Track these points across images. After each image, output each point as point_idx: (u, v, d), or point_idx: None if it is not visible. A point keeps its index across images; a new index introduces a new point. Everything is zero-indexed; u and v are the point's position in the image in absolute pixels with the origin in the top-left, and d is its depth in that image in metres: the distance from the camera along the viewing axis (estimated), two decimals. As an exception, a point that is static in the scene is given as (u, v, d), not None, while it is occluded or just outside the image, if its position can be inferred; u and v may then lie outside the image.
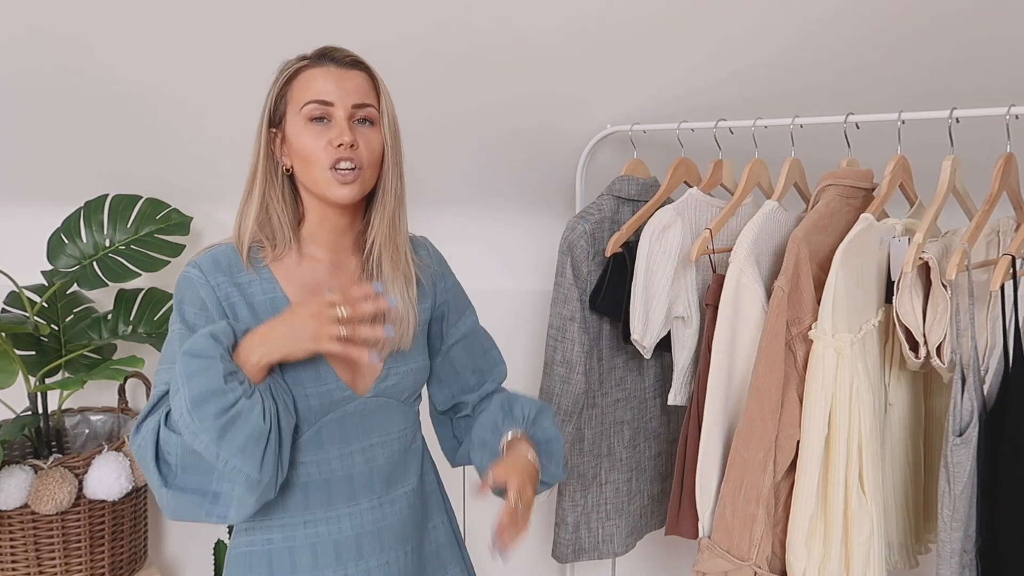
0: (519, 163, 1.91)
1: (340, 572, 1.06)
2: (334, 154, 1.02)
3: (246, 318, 1.03)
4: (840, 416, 1.21)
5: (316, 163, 1.03)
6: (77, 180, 1.89)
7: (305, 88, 1.04)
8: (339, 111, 1.03)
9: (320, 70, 1.05)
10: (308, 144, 1.03)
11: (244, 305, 1.04)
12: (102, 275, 1.82)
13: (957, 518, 1.17)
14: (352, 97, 1.04)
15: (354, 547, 1.07)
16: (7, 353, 1.55)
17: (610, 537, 1.71)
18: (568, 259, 1.59)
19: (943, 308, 1.22)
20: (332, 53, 1.06)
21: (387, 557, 1.09)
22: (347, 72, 1.05)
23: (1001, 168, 1.26)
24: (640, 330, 1.49)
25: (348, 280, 1.10)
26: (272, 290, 1.05)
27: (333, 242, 1.10)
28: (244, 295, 1.04)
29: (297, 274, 1.07)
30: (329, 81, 1.04)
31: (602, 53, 1.61)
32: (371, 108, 1.05)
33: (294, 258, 1.08)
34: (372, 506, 1.09)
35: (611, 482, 1.70)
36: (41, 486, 1.59)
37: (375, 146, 1.06)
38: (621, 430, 1.70)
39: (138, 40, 1.57)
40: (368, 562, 1.08)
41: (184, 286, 1.04)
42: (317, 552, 1.06)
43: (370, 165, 1.05)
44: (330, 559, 1.06)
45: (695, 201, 1.52)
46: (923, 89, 1.58)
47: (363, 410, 1.08)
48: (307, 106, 1.03)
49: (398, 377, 1.11)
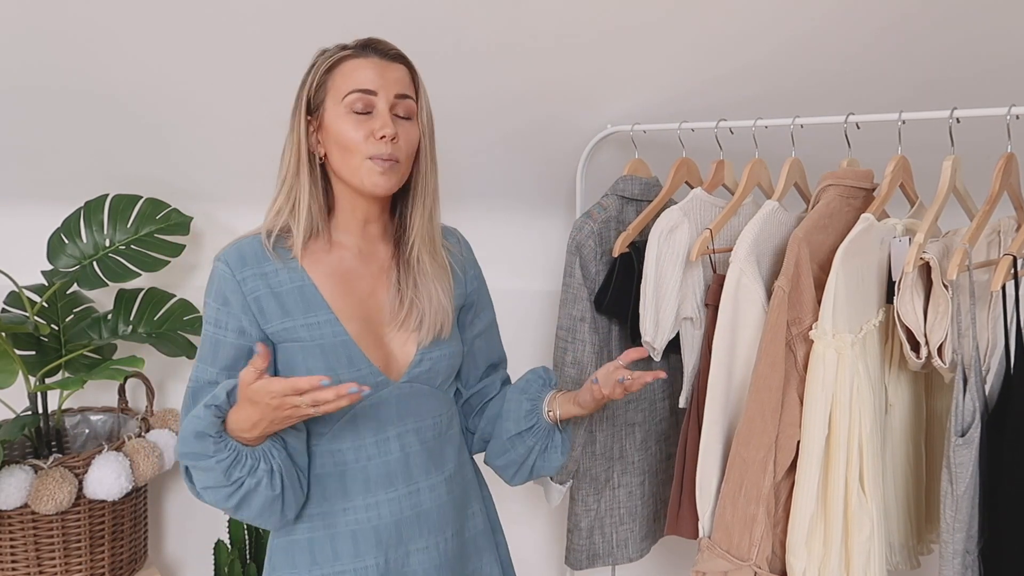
0: (519, 163, 1.91)
1: (380, 558, 1.09)
2: (375, 145, 1.04)
3: (272, 309, 1.05)
4: (840, 416, 1.21)
5: (356, 152, 1.04)
6: (77, 180, 1.89)
7: (348, 77, 1.05)
8: (381, 101, 1.05)
9: (364, 60, 1.06)
10: (348, 133, 1.04)
11: (270, 296, 1.05)
12: (102, 275, 1.82)
13: (959, 519, 1.17)
14: (395, 88, 1.06)
15: (394, 533, 1.10)
16: (7, 353, 1.55)
17: (624, 542, 1.69)
18: (577, 259, 1.58)
19: (944, 308, 1.22)
20: (376, 44, 1.09)
21: (426, 542, 1.12)
22: (390, 64, 1.08)
23: (1002, 168, 1.25)
24: (652, 332, 1.48)
25: (377, 269, 1.12)
26: (300, 279, 1.07)
27: (362, 231, 1.12)
28: (270, 285, 1.06)
29: (326, 262, 1.09)
30: (373, 71, 1.05)
31: (602, 52, 1.61)
32: (410, 101, 1.08)
33: (323, 246, 1.10)
34: (410, 492, 1.11)
35: (624, 485, 1.69)
36: (41, 486, 1.59)
37: (413, 139, 1.08)
38: (632, 432, 1.69)
39: (138, 40, 1.57)
40: (408, 547, 1.10)
41: (211, 281, 1.07)
42: (358, 539, 1.09)
43: (407, 159, 1.08)
44: (370, 545, 1.08)
45: (700, 202, 1.52)
46: (923, 89, 1.58)
47: (398, 396, 1.10)
48: (350, 95, 1.05)
49: (432, 362, 1.13)
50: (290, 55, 1.61)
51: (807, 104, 1.63)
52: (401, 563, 1.10)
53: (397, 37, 1.11)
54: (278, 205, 1.09)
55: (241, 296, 1.05)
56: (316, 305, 1.07)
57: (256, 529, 1.93)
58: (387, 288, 1.12)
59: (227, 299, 1.05)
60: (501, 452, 1.22)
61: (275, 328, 1.05)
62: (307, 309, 1.06)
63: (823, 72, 1.59)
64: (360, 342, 1.08)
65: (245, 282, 1.05)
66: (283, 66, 1.64)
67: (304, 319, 1.06)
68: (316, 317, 1.06)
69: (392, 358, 1.11)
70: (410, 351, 1.12)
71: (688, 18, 1.51)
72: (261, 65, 1.63)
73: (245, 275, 1.05)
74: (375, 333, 1.10)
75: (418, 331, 1.11)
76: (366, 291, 1.11)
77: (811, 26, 1.50)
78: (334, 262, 1.10)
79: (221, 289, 1.05)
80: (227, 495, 1.00)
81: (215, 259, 1.07)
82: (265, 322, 1.05)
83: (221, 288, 1.05)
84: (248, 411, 0.95)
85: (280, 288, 1.06)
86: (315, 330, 1.06)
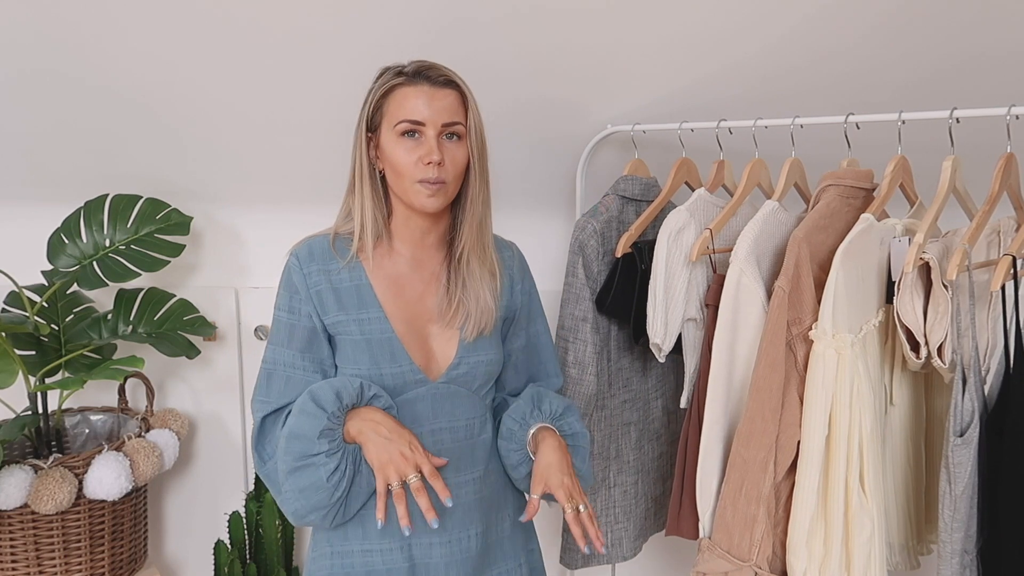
0: (519, 163, 1.91)
1: (405, 543, 1.17)
2: (423, 170, 1.12)
3: (330, 303, 1.16)
4: (841, 416, 1.21)
5: (406, 176, 1.13)
6: (77, 180, 1.89)
7: (400, 106, 1.14)
8: (429, 130, 1.13)
9: (414, 88, 1.14)
10: (400, 157, 1.13)
11: (330, 291, 1.17)
12: (102, 275, 1.82)
13: (958, 518, 1.17)
14: (442, 116, 1.13)
15: (419, 523, 1.16)
16: (7, 353, 1.55)
17: (619, 541, 1.70)
18: (579, 259, 1.58)
19: (944, 308, 1.22)
20: (427, 72, 1.15)
21: (449, 537, 1.18)
22: (439, 91, 1.14)
23: (1002, 168, 1.25)
24: (661, 333, 1.48)
25: (429, 275, 1.21)
26: (358, 278, 1.18)
27: (418, 240, 1.21)
28: (331, 282, 1.17)
29: (384, 266, 1.20)
30: (421, 100, 1.13)
31: (602, 52, 1.61)
32: (459, 125, 1.15)
33: (384, 251, 1.20)
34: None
35: (619, 485, 1.69)
36: (41, 486, 1.59)
37: (460, 160, 1.16)
38: (628, 432, 1.70)
39: (139, 38, 1.57)
40: (431, 539, 1.17)
41: (284, 273, 1.19)
42: (385, 524, 1.13)
43: (454, 178, 1.16)
44: (396, 531, 1.16)
45: (704, 202, 1.52)
46: (924, 89, 1.58)
47: (434, 394, 1.18)
48: (400, 124, 1.13)
49: (469, 366, 1.20)
50: (290, 55, 1.61)
51: (807, 104, 1.63)
52: (425, 553, 1.17)
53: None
54: (345, 211, 1.21)
55: (306, 287, 1.17)
56: (368, 303, 1.17)
57: (256, 529, 1.94)
58: (436, 291, 1.21)
59: (296, 288, 1.17)
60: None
61: (331, 320, 1.17)
62: (360, 306, 1.17)
63: (823, 72, 1.59)
64: (404, 340, 1.17)
65: (310, 276, 1.17)
66: (284, 66, 1.64)
67: (356, 314, 1.16)
68: (367, 314, 1.16)
69: (433, 359, 1.19)
70: (450, 353, 1.19)
71: (688, 18, 1.51)
72: (261, 65, 1.63)
73: (310, 270, 1.17)
74: (420, 335, 1.19)
75: (463, 328, 1.19)
76: (415, 295, 1.20)
77: (811, 26, 1.50)
78: (390, 267, 1.20)
79: (291, 279, 1.18)
80: (299, 453, 1.09)
81: (288, 252, 1.20)
82: (324, 314, 1.17)
83: (291, 278, 1.18)
84: (384, 422, 1.09)
85: (340, 285, 1.17)
86: (365, 325, 1.16)
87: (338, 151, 1.30)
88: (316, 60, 1.61)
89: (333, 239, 1.19)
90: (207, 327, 1.90)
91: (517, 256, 1.33)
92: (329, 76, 1.63)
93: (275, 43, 1.58)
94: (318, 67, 1.63)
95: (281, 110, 1.74)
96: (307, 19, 1.53)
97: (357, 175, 1.18)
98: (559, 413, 1.25)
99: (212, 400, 2.06)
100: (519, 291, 1.30)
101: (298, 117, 1.75)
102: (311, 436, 1.08)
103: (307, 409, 1.09)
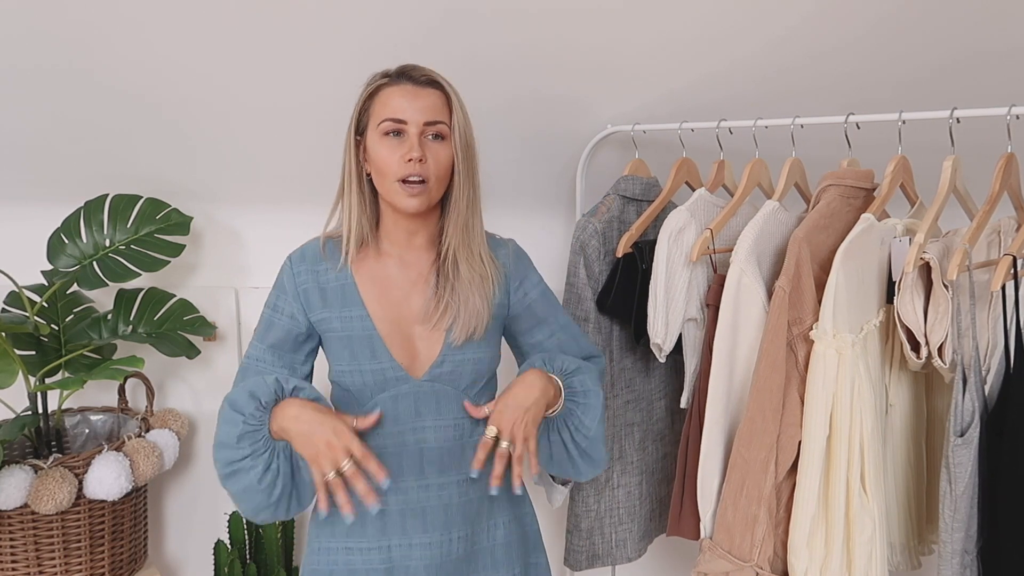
0: (519, 164, 1.91)
1: (384, 543, 1.17)
2: (405, 167, 1.12)
3: (315, 301, 1.19)
4: (841, 416, 1.21)
5: (388, 175, 1.14)
6: (77, 180, 1.89)
7: (383, 105, 1.15)
8: (411, 128, 1.13)
9: (397, 88, 1.15)
10: (383, 156, 1.14)
11: (316, 290, 1.19)
12: (102, 275, 1.82)
13: (958, 518, 1.17)
14: (424, 115, 1.13)
15: (398, 522, 1.16)
16: (7, 353, 1.55)
17: (623, 542, 1.69)
18: (581, 258, 1.58)
19: (944, 308, 1.22)
20: (410, 72, 1.16)
21: (430, 538, 1.17)
22: (422, 90, 1.15)
23: (1002, 168, 1.26)
24: (662, 333, 1.48)
25: (416, 275, 1.21)
26: (344, 279, 1.20)
27: (405, 241, 1.22)
28: (319, 281, 1.20)
29: (371, 267, 1.21)
30: (404, 99, 1.13)
31: (603, 51, 1.61)
32: (442, 124, 1.15)
33: (372, 254, 1.22)
34: (419, 486, 1.17)
35: (623, 486, 1.69)
36: (41, 486, 1.59)
37: (443, 160, 1.15)
38: (631, 432, 1.69)
39: (140, 38, 1.57)
40: (411, 539, 1.17)
41: (279, 273, 1.23)
42: (365, 522, 1.18)
43: (437, 178, 1.15)
44: (376, 530, 1.17)
45: (704, 202, 1.52)
46: (924, 88, 1.58)
47: (417, 393, 1.18)
48: (383, 123, 1.14)
49: (454, 364, 1.19)
50: (291, 55, 1.61)
51: (807, 104, 1.63)
52: (404, 555, 1.17)
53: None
54: (335, 215, 1.23)
55: (294, 286, 1.20)
56: (352, 302, 1.19)
57: (256, 529, 1.94)
58: (423, 292, 1.21)
59: (284, 288, 1.21)
60: None
61: (316, 317, 1.19)
62: (344, 304, 1.19)
63: (823, 72, 1.59)
64: (387, 339, 1.17)
65: (299, 275, 1.20)
66: (284, 66, 1.64)
67: (340, 312, 1.18)
68: (350, 312, 1.18)
69: (417, 358, 1.19)
70: (435, 351, 1.19)
71: (688, 17, 1.51)
72: (261, 65, 1.63)
73: (300, 269, 1.20)
74: (404, 333, 1.19)
75: (450, 331, 1.19)
76: (401, 296, 1.20)
77: (811, 25, 1.50)
78: (377, 268, 1.21)
79: (281, 279, 1.22)
80: (225, 460, 1.09)
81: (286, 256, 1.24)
82: (310, 311, 1.19)
83: (281, 278, 1.22)
84: (307, 416, 1.07)
85: (327, 285, 1.20)
86: (347, 323, 1.18)
87: (338, 151, 1.30)
88: (316, 60, 1.61)
89: (323, 242, 1.22)
90: (207, 327, 1.90)
91: (512, 253, 1.30)
92: (329, 76, 1.63)
93: (275, 42, 1.58)
94: (318, 67, 1.63)
95: (282, 110, 1.74)
96: (307, 18, 1.53)
97: (346, 179, 1.19)
98: (570, 370, 1.22)
99: (212, 400, 2.06)
100: (518, 288, 1.28)
101: (298, 117, 1.75)
102: (231, 443, 1.08)
103: (226, 416, 1.10)
